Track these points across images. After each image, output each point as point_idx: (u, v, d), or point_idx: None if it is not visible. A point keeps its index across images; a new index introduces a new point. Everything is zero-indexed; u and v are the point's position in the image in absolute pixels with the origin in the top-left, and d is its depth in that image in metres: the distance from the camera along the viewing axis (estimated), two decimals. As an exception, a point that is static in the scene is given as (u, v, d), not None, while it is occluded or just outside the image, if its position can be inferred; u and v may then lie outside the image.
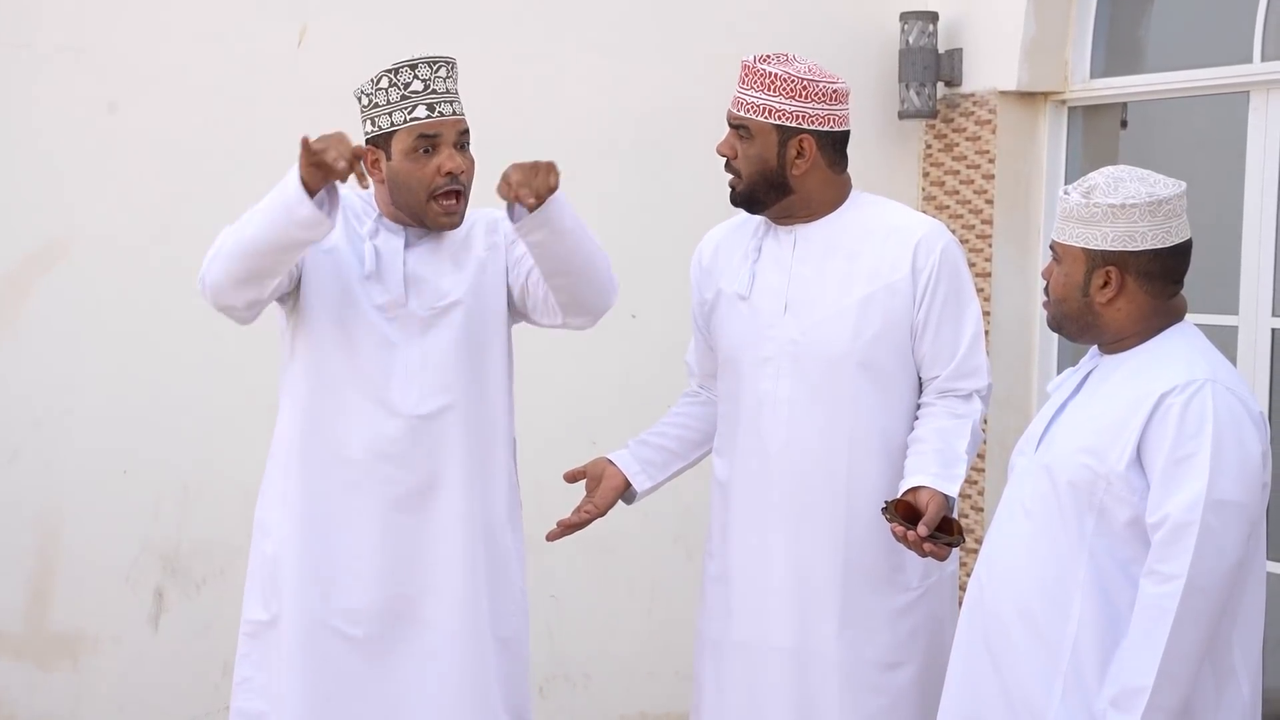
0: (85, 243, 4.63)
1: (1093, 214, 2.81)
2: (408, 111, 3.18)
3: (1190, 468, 2.68)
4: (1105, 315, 2.86)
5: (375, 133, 3.22)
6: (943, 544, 3.12)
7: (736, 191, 3.38)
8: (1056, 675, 2.79)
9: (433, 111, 3.18)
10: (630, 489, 3.51)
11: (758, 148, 3.33)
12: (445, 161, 3.18)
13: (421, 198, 3.20)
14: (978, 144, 5.45)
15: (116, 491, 4.68)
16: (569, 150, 5.12)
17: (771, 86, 3.30)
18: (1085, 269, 2.85)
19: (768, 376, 3.35)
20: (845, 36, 5.52)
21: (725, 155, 3.38)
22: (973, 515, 5.44)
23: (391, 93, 3.19)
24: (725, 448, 3.46)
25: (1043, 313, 5.39)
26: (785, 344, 3.34)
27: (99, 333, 4.65)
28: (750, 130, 3.33)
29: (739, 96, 3.35)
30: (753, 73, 3.32)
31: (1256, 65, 4.80)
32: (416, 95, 3.18)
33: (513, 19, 5.07)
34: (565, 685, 5.25)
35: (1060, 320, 2.94)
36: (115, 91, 4.63)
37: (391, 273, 3.23)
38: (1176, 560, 2.65)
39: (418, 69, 3.18)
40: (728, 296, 3.44)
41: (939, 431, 3.29)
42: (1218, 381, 2.75)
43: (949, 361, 3.33)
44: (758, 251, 3.43)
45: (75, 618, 4.67)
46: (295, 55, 4.83)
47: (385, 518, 3.21)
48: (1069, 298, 2.89)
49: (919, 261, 3.32)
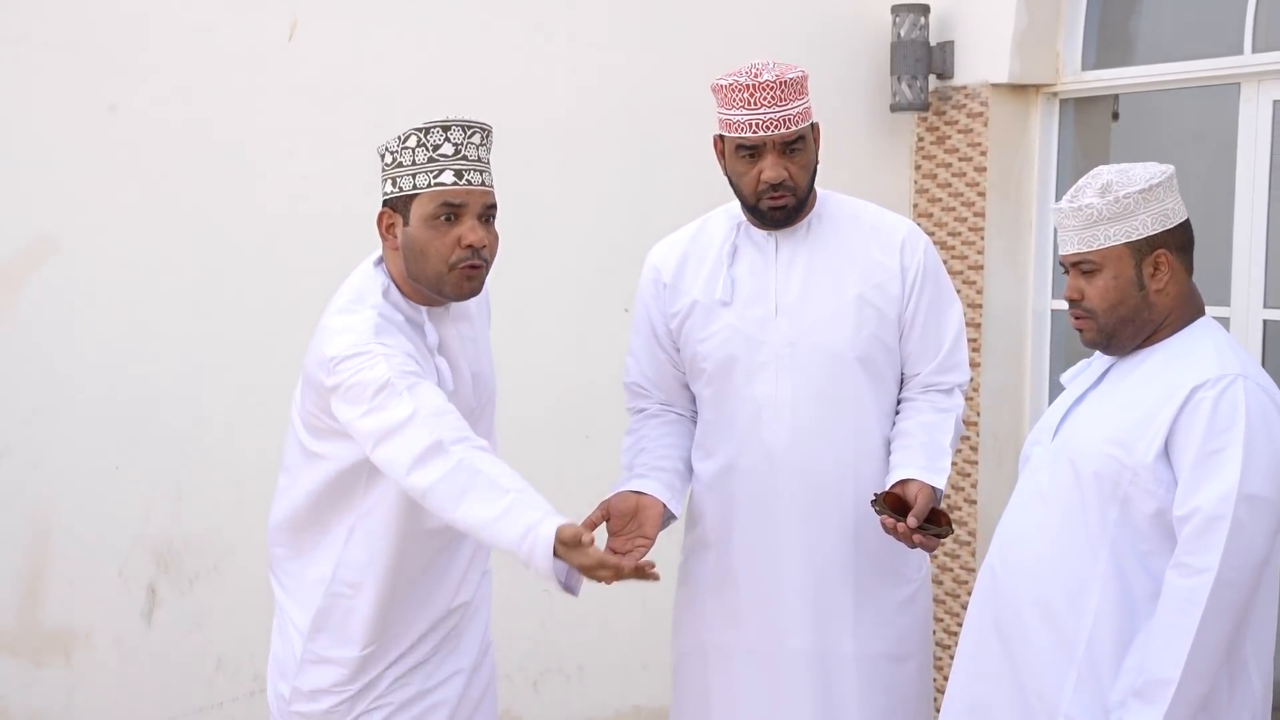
0: (77, 238, 4.62)
1: (1125, 208, 2.81)
2: (433, 175, 2.96)
3: (1222, 461, 2.68)
4: (1159, 304, 2.85)
5: (395, 194, 3.01)
6: (931, 535, 3.12)
7: (789, 207, 3.28)
8: (1071, 665, 2.79)
9: (460, 179, 2.96)
10: (668, 514, 3.34)
11: (809, 152, 3.29)
12: (467, 233, 2.97)
13: (441, 268, 2.98)
14: (969, 136, 5.46)
15: (109, 487, 4.67)
16: (559, 143, 5.14)
17: (801, 90, 3.24)
18: (1134, 263, 2.84)
19: (766, 380, 3.33)
20: (837, 29, 5.52)
21: (783, 180, 3.23)
22: (966, 508, 5.45)
23: (419, 153, 2.97)
24: (717, 452, 3.40)
25: (1035, 306, 5.47)
26: (781, 346, 3.32)
27: (91, 329, 4.64)
28: (805, 139, 3.26)
29: (783, 115, 3.19)
30: (786, 85, 3.19)
31: (1247, 57, 4.81)
32: (445, 159, 2.96)
33: (501, 12, 5.06)
34: (559, 678, 5.25)
35: (1114, 328, 2.87)
36: (107, 88, 4.62)
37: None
38: (1207, 554, 2.65)
39: (450, 131, 2.97)
40: (704, 305, 3.38)
41: (924, 425, 3.31)
42: (1249, 377, 2.75)
43: (934, 357, 3.36)
44: (732, 257, 3.38)
45: (68, 614, 4.66)
46: (286, 49, 4.82)
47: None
48: (1125, 299, 2.85)
49: (905, 260, 3.35)
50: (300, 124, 4.83)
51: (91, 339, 4.65)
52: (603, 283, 5.15)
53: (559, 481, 5.12)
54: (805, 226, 3.37)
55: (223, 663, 4.80)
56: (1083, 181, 2.89)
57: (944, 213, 5.55)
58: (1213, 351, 2.79)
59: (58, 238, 4.61)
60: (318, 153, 4.84)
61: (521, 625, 5.01)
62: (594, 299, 5.18)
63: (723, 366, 3.36)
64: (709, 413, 3.42)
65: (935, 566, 5.52)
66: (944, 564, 5.50)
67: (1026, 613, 2.86)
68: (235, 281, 4.75)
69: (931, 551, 3.22)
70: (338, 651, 3.10)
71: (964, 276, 5.45)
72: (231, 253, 4.75)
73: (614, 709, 5.31)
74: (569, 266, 5.16)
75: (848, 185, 4.68)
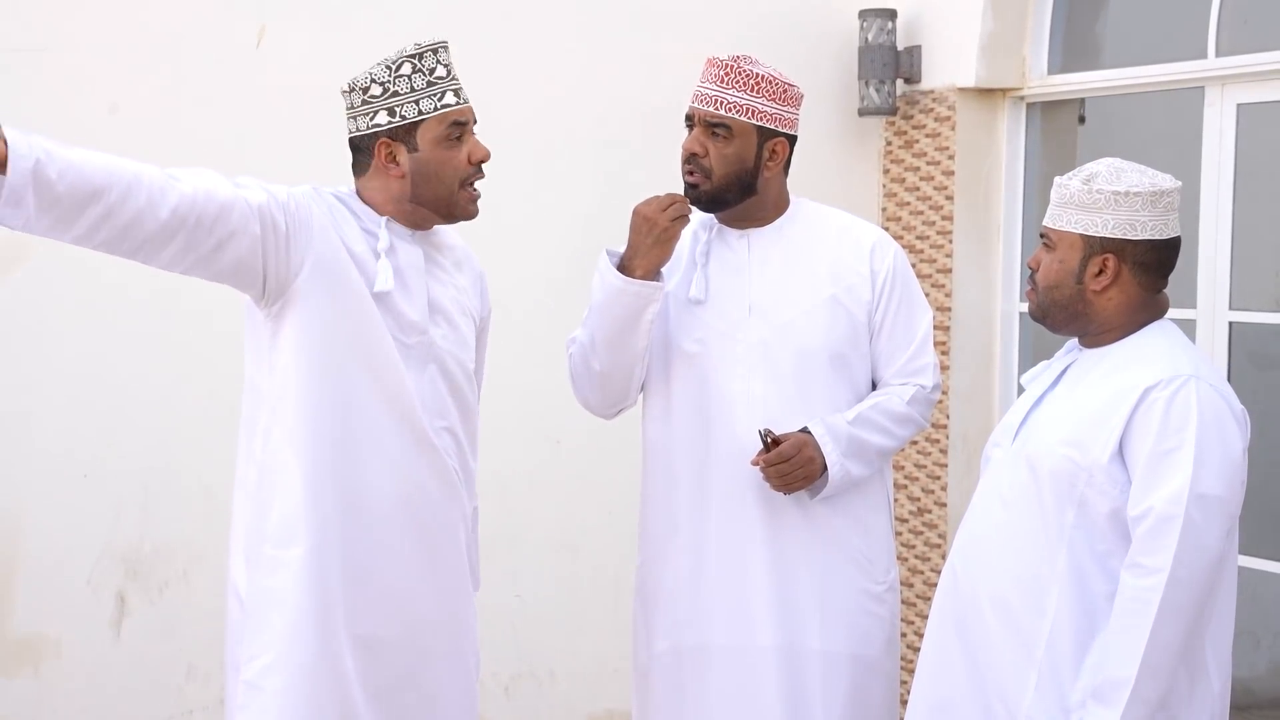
0: (46, 244, 4.58)
1: (1094, 200, 2.83)
2: (437, 99, 3.06)
3: (1174, 462, 2.70)
4: (1096, 304, 2.87)
5: (396, 123, 3.04)
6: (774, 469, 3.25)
7: (702, 190, 3.35)
8: (1031, 666, 2.80)
9: (459, 98, 3.09)
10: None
11: (736, 147, 3.32)
12: (475, 149, 3.10)
13: (453, 187, 3.08)
14: (937, 140, 5.48)
15: (77, 495, 4.65)
16: (535, 147, 5.14)
17: (756, 88, 3.30)
18: (1082, 255, 2.86)
19: (739, 377, 3.35)
20: (805, 34, 5.54)
21: (695, 153, 3.34)
22: (936, 510, 5.47)
23: (416, 79, 3.04)
24: (689, 447, 3.40)
25: (1004, 309, 5.50)
26: (755, 345, 3.35)
27: (59, 335, 4.62)
28: (732, 130, 3.31)
29: (717, 95, 3.31)
30: (735, 72, 3.30)
31: (1211, 60, 4.84)
32: (442, 81, 3.07)
33: (475, 17, 5.06)
34: (531, 684, 5.24)
35: (1048, 308, 2.93)
36: (74, 92, 4.60)
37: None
38: (1159, 553, 2.67)
39: (439, 54, 3.08)
40: (679, 301, 3.42)
41: (875, 399, 3.39)
42: (1201, 378, 2.77)
43: (900, 360, 3.41)
44: (706, 256, 3.42)
45: (36, 623, 4.63)
46: (253, 55, 4.81)
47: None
48: (1061, 284, 2.89)
49: (875, 264, 3.40)
50: (267, 128, 4.82)
51: (59, 346, 4.63)
52: (572, 286, 5.14)
53: (529, 486, 5.13)
54: (778, 228, 3.42)
55: (193, 671, 4.78)
56: (1091, 164, 2.92)
57: (912, 216, 5.57)
58: (1166, 352, 2.82)
59: (26, 243, 4.58)
60: (285, 157, 4.83)
61: (493, 631, 5.00)
62: (564, 303, 5.17)
63: (694, 363, 3.39)
64: (677, 400, 3.42)
65: (906, 570, 5.54)
66: (915, 567, 5.52)
67: (987, 614, 2.87)
68: (204, 287, 4.73)
69: (774, 487, 3.28)
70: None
71: (932, 280, 5.47)
72: (200, 259, 4.73)
73: (585, 713, 5.31)
74: (538, 270, 5.16)
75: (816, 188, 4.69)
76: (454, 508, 3.14)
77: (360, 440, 3.00)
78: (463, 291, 3.21)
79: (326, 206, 3.04)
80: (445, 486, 3.10)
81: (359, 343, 3.00)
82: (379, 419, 3.01)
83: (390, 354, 3.01)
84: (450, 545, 3.14)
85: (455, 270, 3.22)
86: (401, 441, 3.03)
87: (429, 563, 3.10)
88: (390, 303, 3.03)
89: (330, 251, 2.99)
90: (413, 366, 3.05)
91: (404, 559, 3.06)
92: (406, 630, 3.08)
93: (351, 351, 2.99)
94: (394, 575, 3.05)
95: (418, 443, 3.05)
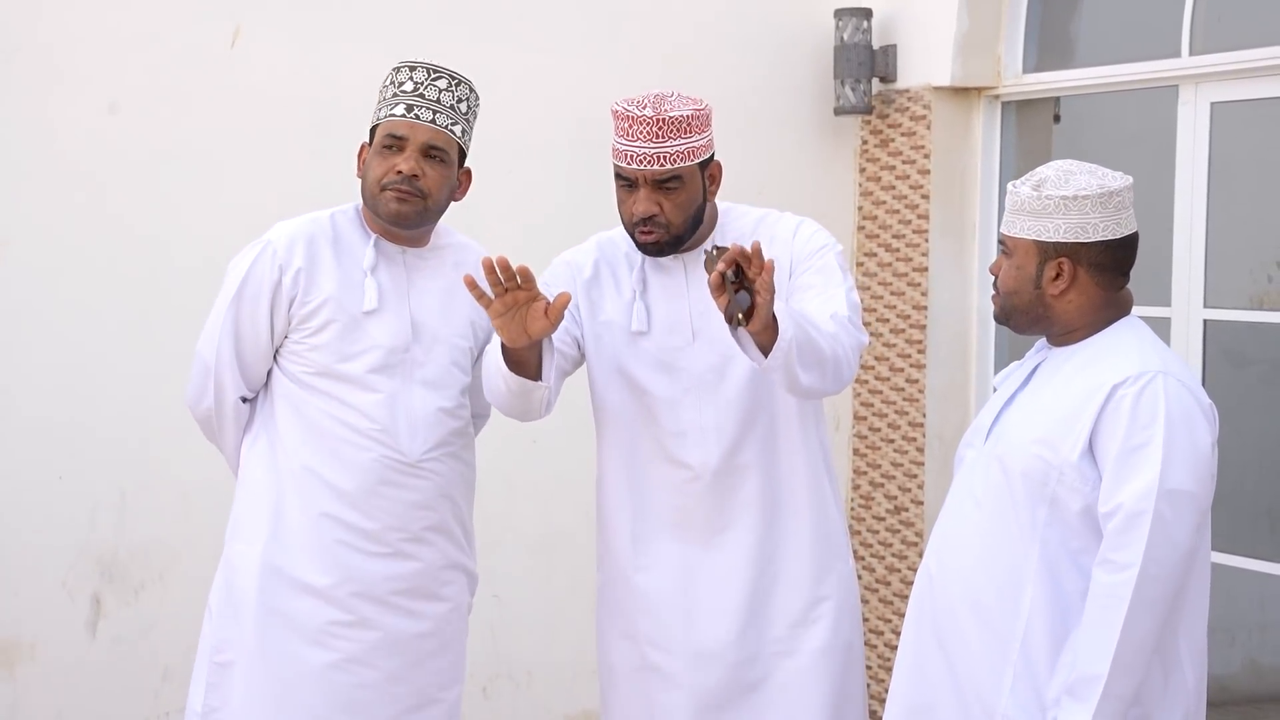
0: (19, 245, 4.58)
1: (1044, 206, 2.84)
2: (389, 109, 3.23)
3: (1143, 458, 2.71)
4: (1056, 307, 2.88)
5: (372, 126, 3.29)
6: (732, 291, 2.85)
7: (663, 242, 3.20)
8: (1006, 665, 2.81)
9: (408, 113, 3.20)
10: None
11: (688, 191, 3.19)
12: (400, 162, 3.19)
13: (375, 189, 3.23)
14: (913, 139, 5.49)
15: (52, 496, 4.63)
16: (506, 151, 5.14)
17: (688, 128, 3.14)
18: (1037, 261, 2.87)
19: (689, 407, 3.27)
20: (780, 33, 5.54)
21: (651, 214, 3.16)
22: (913, 509, 5.48)
23: (388, 90, 3.26)
24: (642, 480, 3.33)
25: (981, 307, 5.50)
26: (704, 373, 3.26)
27: (32, 336, 4.60)
28: (682, 179, 3.16)
29: (656, 151, 3.11)
30: (666, 122, 3.12)
31: (1185, 59, 4.86)
32: (403, 95, 3.22)
33: (444, 19, 5.05)
34: (509, 685, 5.24)
35: (1010, 313, 2.94)
36: (47, 91, 4.58)
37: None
38: (1130, 549, 2.68)
39: (415, 71, 3.23)
40: (622, 331, 3.31)
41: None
42: (1169, 374, 2.78)
43: (815, 301, 3.20)
44: (643, 284, 3.31)
45: (11, 625, 4.61)
46: (228, 55, 4.80)
47: None
48: (1020, 290, 2.90)
49: (795, 246, 3.26)
50: (243, 130, 4.81)
51: (33, 348, 4.61)
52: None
53: (506, 487, 5.12)
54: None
55: (169, 673, 4.76)
56: (1041, 168, 2.92)
57: (888, 215, 5.58)
58: (1134, 349, 2.82)
59: (1, 244, 4.58)
60: (262, 159, 4.82)
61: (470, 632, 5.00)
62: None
63: (644, 398, 3.30)
64: (633, 442, 3.33)
65: (884, 568, 5.55)
66: (892, 565, 5.53)
67: (962, 614, 2.88)
68: (180, 287, 4.72)
69: (725, 313, 2.91)
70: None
71: (909, 279, 5.48)
72: (175, 259, 4.72)
73: (562, 714, 5.31)
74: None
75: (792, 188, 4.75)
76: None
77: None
78: (454, 296, 3.31)
79: (278, 264, 3.25)
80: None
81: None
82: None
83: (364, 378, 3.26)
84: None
85: (453, 271, 3.31)
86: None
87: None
88: (371, 323, 3.27)
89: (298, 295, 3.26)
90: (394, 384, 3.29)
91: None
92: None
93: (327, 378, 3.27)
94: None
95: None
